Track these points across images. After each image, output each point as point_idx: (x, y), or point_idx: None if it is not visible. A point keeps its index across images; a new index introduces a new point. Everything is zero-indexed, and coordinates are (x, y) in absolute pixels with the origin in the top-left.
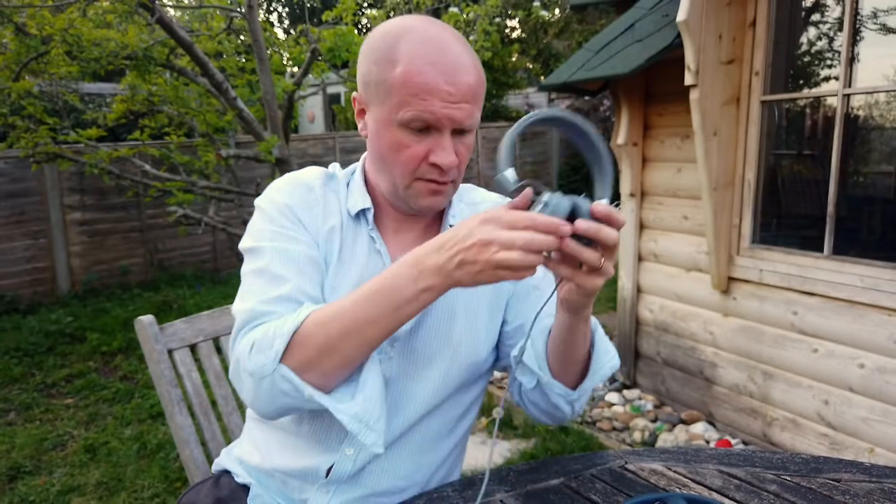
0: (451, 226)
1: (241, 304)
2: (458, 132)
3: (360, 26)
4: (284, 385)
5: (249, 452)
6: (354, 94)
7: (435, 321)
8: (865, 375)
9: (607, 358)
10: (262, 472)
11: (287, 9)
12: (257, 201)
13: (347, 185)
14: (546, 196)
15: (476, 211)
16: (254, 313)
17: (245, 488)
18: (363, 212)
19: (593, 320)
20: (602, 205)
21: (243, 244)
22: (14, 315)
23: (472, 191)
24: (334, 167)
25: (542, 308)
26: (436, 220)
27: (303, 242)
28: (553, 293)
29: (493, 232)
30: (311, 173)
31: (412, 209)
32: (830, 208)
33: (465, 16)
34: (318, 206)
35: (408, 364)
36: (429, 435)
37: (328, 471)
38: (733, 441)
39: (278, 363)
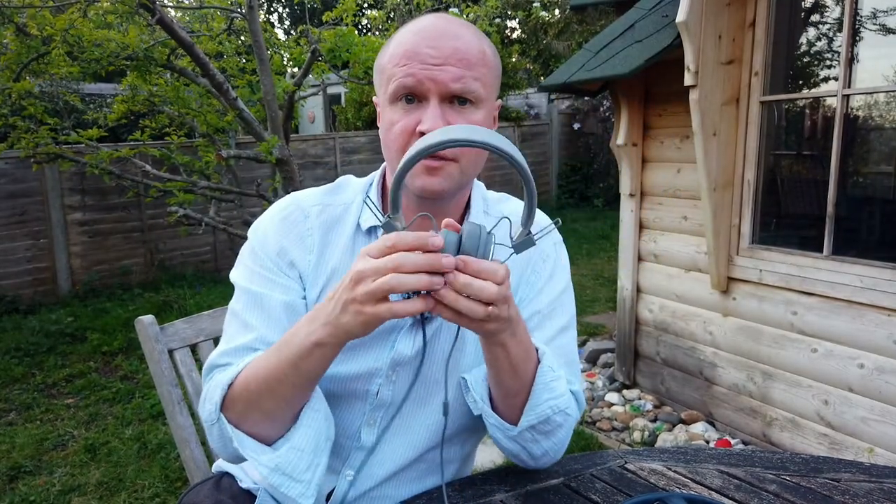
0: None
1: (216, 349)
2: (457, 104)
3: (360, 27)
4: (228, 434)
5: (250, 467)
6: (374, 97)
7: (443, 348)
8: (865, 375)
9: (547, 395)
10: (262, 485)
11: (287, 9)
12: (251, 229)
13: (366, 195)
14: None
15: (497, 231)
16: (211, 365)
17: (247, 493)
18: (374, 228)
19: (545, 355)
20: (473, 262)
21: (232, 275)
22: (15, 315)
23: (501, 202)
24: (347, 179)
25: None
26: None
27: (282, 287)
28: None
29: (364, 264)
30: (311, 197)
31: (414, 195)
32: (830, 208)
33: (464, 17)
34: (312, 235)
35: (414, 389)
36: (434, 462)
37: (329, 495)
38: (733, 441)
39: (219, 413)
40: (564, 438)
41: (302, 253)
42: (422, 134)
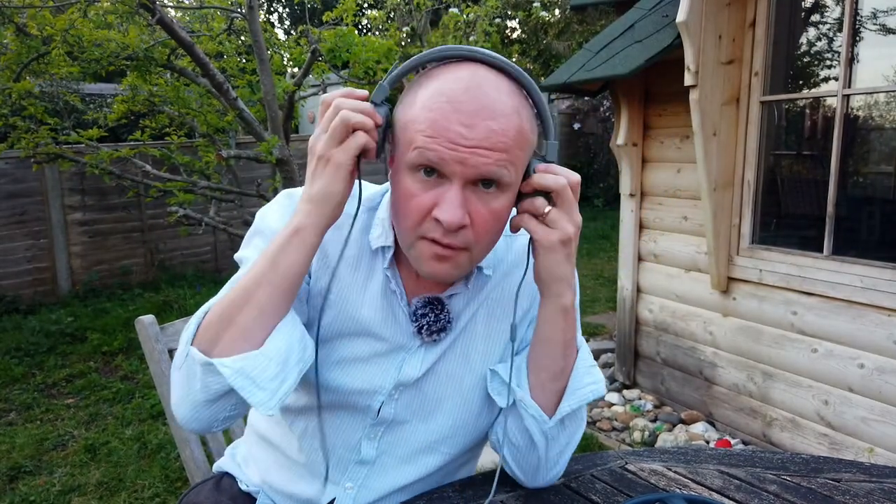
0: (479, 268)
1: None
2: (482, 187)
3: (360, 27)
4: (194, 367)
5: (251, 468)
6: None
7: (447, 367)
8: (865, 375)
9: (589, 379)
10: (262, 488)
11: (287, 9)
12: (259, 213)
13: (374, 208)
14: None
15: (514, 243)
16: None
17: (247, 495)
18: (382, 249)
19: (582, 344)
20: (543, 165)
21: (236, 255)
22: (15, 315)
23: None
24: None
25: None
26: None
27: None
28: (528, 265)
29: (313, 136)
30: None
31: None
32: (830, 208)
33: (465, 17)
34: None
35: (416, 405)
36: (438, 475)
37: None
38: (733, 441)
39: (190, 346)
40: (575, 444)
41: None
42: (436, 220)
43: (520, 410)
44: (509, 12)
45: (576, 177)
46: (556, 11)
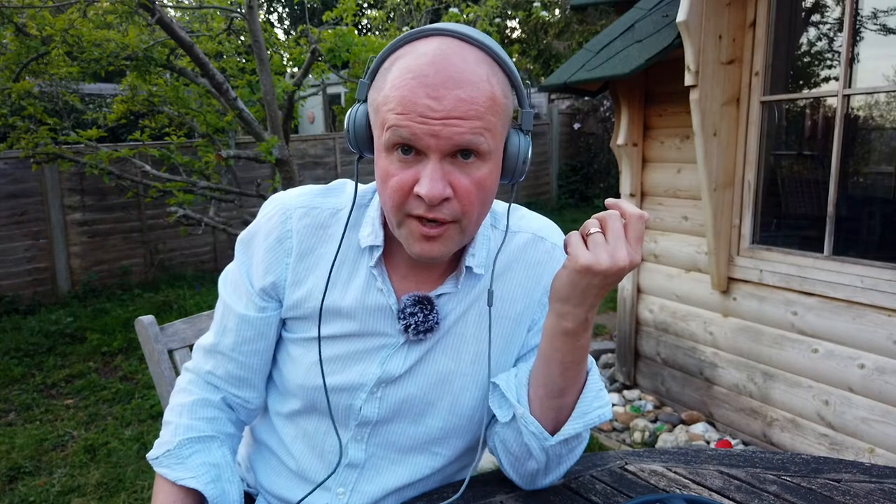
0: (468, 267)
1: (200, 340)
2: (461, 158)
3: (360, 27)
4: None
5: (250, 469)
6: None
7: (435, 367)
8: (865, 375)
9: (598, 403)
10: (260, 490)
11: (287, 9)
12: (239, 237)
13: (365, 206)
14: None
15: (510, 243)
16: (195, 357)
17: (247, 495)
18: (371, 248)
19: (592, 366)
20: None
21: (220, 289)
22: (14, 315)
23: (513, 212)
24: (343, 183)
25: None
26: (454, 256)
27: (244, 303)
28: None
29: None
30: (298, 198)
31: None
32: (830, 209)
33: (464, 16)
34: (290, 238)
35: (403, 406)
36: (433, 479)
37: None
38: (733, 441)
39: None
40: (576, 457)
41: (280, 256)
42: (418, 196)
43: (520, 426)
44: (509, 12)
45: (634, 211)
46: (556, 11)
